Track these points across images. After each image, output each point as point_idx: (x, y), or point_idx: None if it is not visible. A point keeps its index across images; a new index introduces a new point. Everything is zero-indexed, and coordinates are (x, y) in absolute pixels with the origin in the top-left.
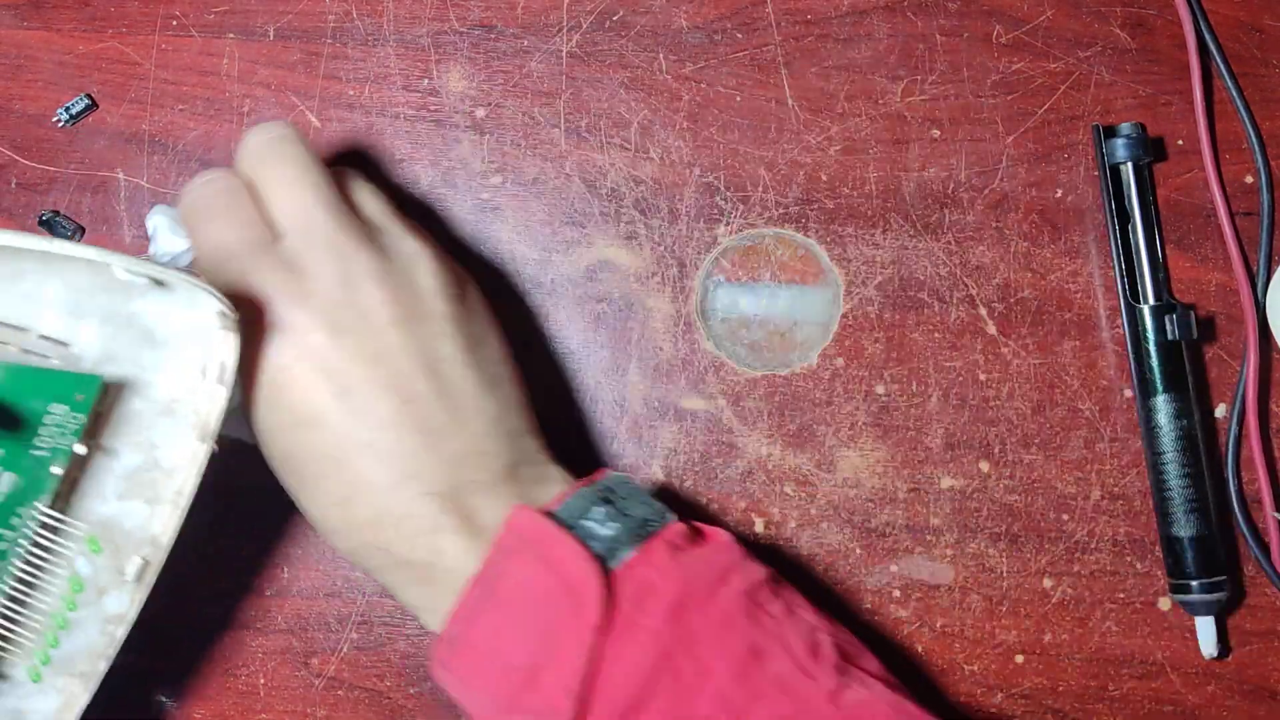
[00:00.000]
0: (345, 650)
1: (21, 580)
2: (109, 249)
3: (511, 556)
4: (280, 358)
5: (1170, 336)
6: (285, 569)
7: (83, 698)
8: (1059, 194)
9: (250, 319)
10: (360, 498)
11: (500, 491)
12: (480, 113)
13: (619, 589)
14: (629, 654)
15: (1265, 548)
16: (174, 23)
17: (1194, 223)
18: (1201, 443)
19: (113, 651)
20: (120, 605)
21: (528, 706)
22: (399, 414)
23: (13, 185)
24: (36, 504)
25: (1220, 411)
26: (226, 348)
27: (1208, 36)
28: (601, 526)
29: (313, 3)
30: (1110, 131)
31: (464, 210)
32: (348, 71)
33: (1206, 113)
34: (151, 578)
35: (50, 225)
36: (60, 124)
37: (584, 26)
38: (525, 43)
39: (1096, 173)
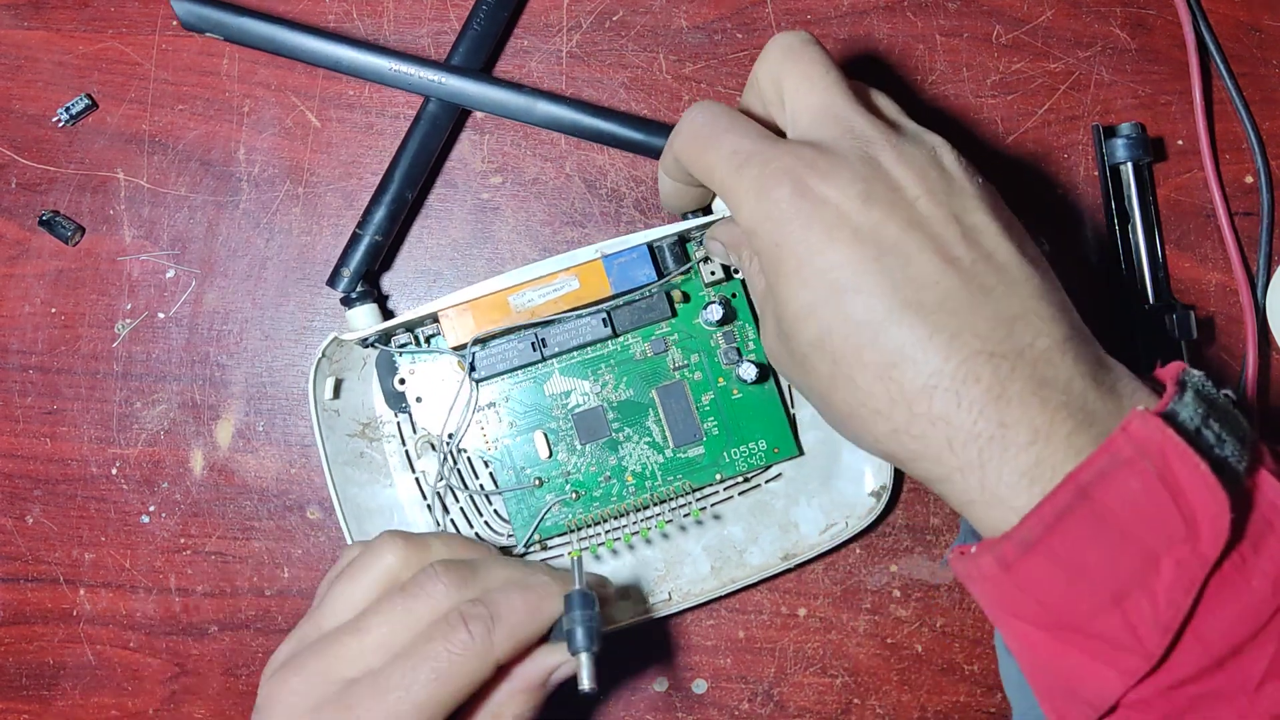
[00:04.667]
0: None
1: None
2: None
3: (1122, 466)
4: (811, 230)
5: (1170, 336)
6: (285, 569)
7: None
8: (1059, 194)
9: (778, 204)
10: (908, 362)
11: (1066, 363)
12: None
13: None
14: (1241, 598)
15: None
16: (174, 23)
17: (1194, 223)
18: None
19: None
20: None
21: (1099, 630)
22: (942, 271)
23: (13, 185)
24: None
25: None
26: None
27: (1207, 36)
28: (1217, 445)
29: (313, 3)
30: (1110, 131)
31: (464, 210)
32: None
33: (1206, 113)
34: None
35: (50, 225)
36: (60, 124)
37: (584, 26)
38: (525, 43)
39: (1096, 173)
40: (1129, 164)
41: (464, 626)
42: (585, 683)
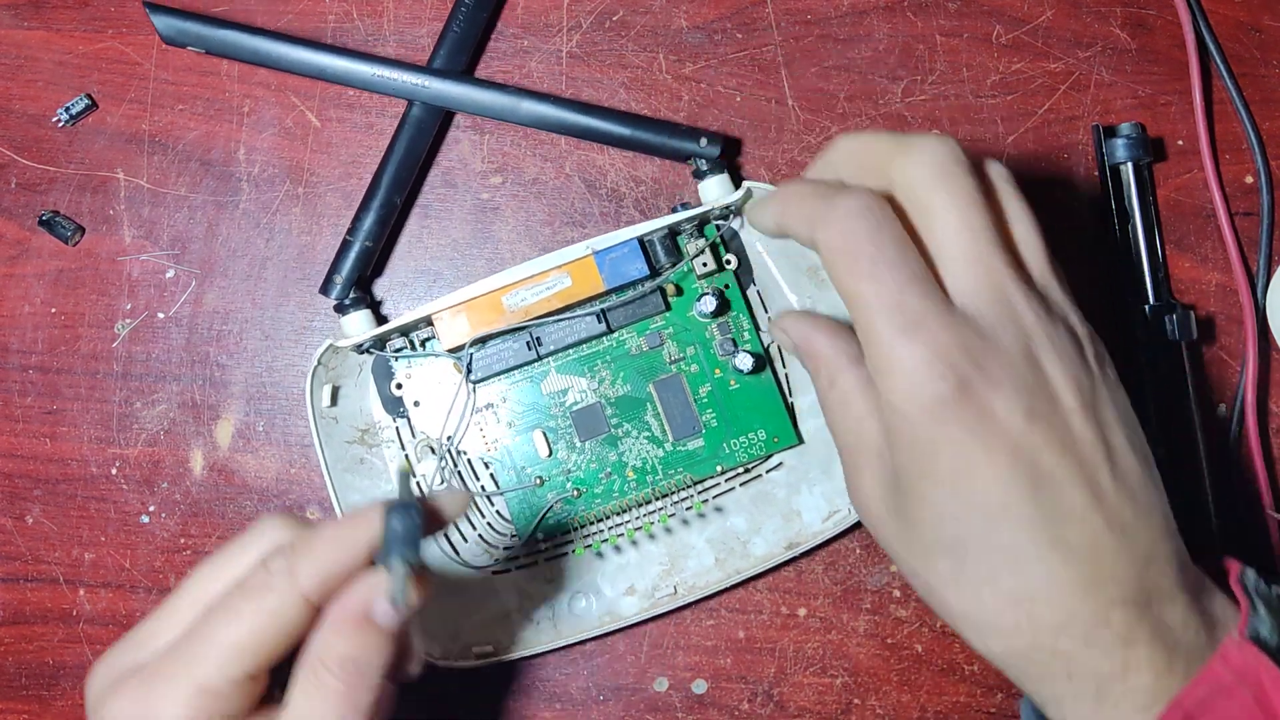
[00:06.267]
0: None
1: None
2: None
3: (1222, 694)
4: (972, 442)
5: (1170, 336)
6: None
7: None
8: (1059, 194)
9: (941, 400)
10: (1047, 599)
11: (1180, 600)
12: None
13: None
14: None
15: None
16: None
17: (1194, 223)
18: (1201, 443)
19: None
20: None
21: None
22: (1091, 509)
23: (13, 185)
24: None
25: (1220, 411)
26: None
27: (1207, 36)
28: None
29: (313, 3)
30: (1110, 131)
31: (464, 210)
32: None
33: (1206, 113)
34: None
35: (50, 225)
36: (60, 124)
37: (584, 26)
38: (525, 43)
39: (1096, 173)
40: (1129, 164)
41: (262, 567)
42: (393, 598)
